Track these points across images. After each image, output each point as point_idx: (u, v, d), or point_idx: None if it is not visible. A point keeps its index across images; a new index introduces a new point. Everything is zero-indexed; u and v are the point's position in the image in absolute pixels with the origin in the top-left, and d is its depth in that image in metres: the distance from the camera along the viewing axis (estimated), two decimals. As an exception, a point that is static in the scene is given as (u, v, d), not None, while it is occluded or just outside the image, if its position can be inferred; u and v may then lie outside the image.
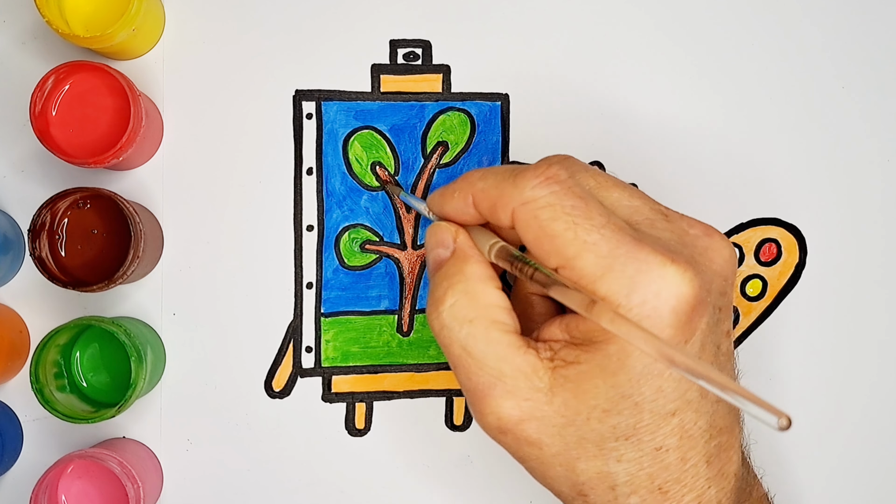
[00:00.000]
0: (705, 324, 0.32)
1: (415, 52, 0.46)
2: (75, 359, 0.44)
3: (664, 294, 0.30)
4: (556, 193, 0.32)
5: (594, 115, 0.47)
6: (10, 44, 0.45)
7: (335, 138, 0.46)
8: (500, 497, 0.47)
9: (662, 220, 0.34)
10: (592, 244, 0.31)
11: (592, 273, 0.31)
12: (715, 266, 0.34)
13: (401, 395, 0.46)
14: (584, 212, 0.32)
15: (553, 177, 0.32)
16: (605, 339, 0.32)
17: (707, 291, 0.32)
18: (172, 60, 0.45)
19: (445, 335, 0.34)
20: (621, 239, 0.31)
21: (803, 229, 0.48)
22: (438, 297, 0.34)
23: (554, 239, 0.32)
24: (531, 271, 0.32)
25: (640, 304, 0.30)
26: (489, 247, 0.35)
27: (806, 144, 0.48)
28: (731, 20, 0.48)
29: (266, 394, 0.46)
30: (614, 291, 0.30)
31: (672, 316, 0.30)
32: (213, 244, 0.45)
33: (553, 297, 0.31)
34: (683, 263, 0.31)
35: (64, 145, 0.41)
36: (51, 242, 0.41)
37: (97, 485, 0.42)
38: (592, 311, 0.29)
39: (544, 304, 0.38)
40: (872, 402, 0.49)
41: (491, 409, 0.33)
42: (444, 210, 0.37)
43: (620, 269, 0.30)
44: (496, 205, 0.34)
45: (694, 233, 0.34)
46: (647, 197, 0.35)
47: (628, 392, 0.32)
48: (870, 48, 0.48)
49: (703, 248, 0.34)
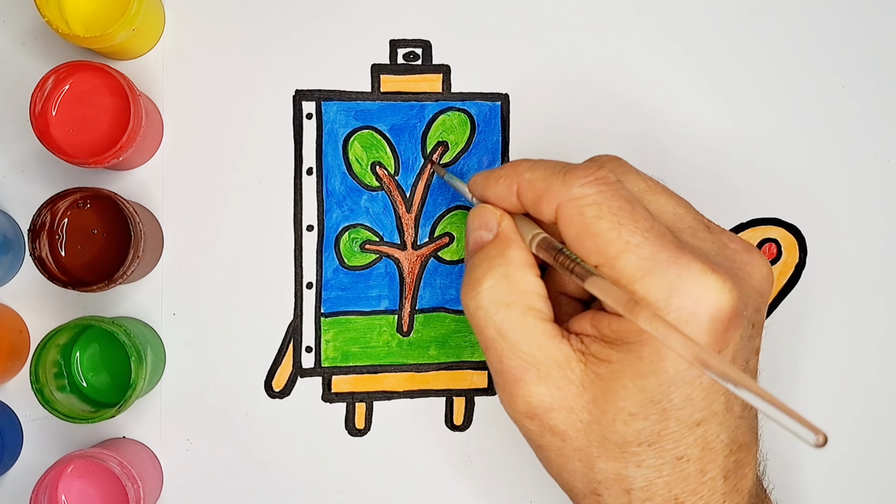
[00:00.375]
0: (739, 337, 0.32)
1: (415, 52, 0.46)
2: (75, 359, 0.44)
3: (703, 301, 0.30)
4: (603, 193, 0.32)
5: (594, 115, 0.47)
6: (10, 44, 0.45)
7: (335, 138, 0.46)
8: (500, 497, 0.47)
9: (704, 231, 0.34)
10: (636, 245, 0.31)
11: (633, 274, 0.31)
12: (753, 282, 0.34)
13: (401, 395, 0.46)
14: (630, 213, 0.32)
15: (602, 178, 0.33)
16: (638, 340, 0.32)
17: (744, 305, 0.32)
18: (172, 60, 0.45)
19: (481, 316, 0.34)
20: (664, 243, 0.31)
21: (803, 229, 0.48)
22: (477, 278, 0.34)
23: (597, 237, 0.32)
24: (571, 264, 0.32)
25: (678, 309, 0.30)
26: (532, 236, 0.35)
27: (806, 144, 0.48)
28: (731, 20, 0.48)
29: (266, 394, 0.46)
30: (653, 294, 0.30)
31: (709, 323, 0.30)
32: (213, 244, 0.45)
33: (591, 292, 0.31)
34: (724, 274, 0.31)
35: (64, 145, 0.41)
36: (51, 242, 0.41)
37: (97, 485, 0.42)
38: (632, 310, 0.29)
39: (573, 305, 0.38)
40: (872, 402, 0.49)
41: (522, 392, 0.33)
42: (487, 194, 0.37)
43: (661, 273, 0.30)
44: (542, 197, 0.33)
45: (734, 247, 0.34)
46: (692, 207, 0.35)
47: (657, 397, 0.32)
48: (870, 48, 0.48)
49: (743, 262, 0.34)
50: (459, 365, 0.47)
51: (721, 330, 0.31)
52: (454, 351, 0.47)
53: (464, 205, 0.46)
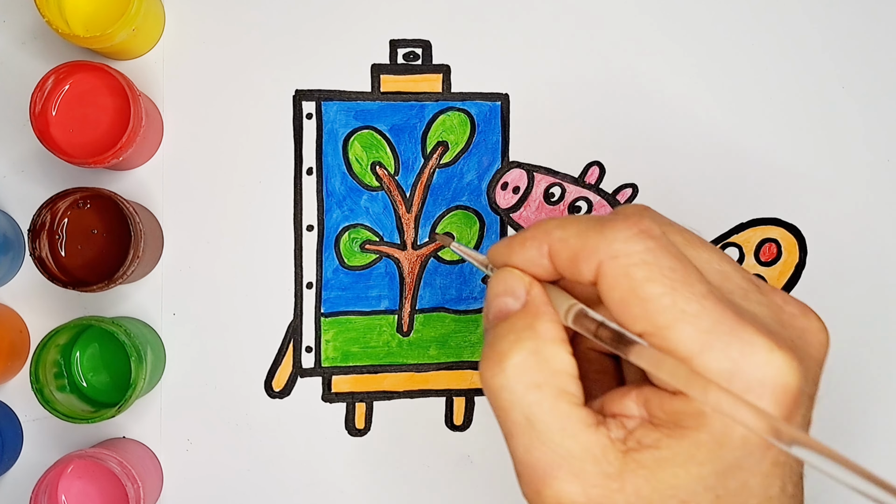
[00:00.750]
0: (801, 416, 0.30)
1: (415, 52, 0.46)
2: (75, 359, 0.44)
3: (769, 383, 0.28)
4: (651, 251, 0.29)
5: (594, 115, 0.47)
6: (10, 44, 0.45)
7: (335, 138, 0.46)
8: (500, 497, 0.47)
9: (756, 292, 0.31)
10: (693, 315, 0.28)
11: (689, 348, 0.28)
12: (812, 351, 0.31)
13: (401, 395, 0.46)
14: (684, 276, 0.28)
15: (647, 231, 0.29)
16: (696, 424, 0.28)
17: (806, 380, 0.29)
18: (172, 60, 0.45)
19: (506, 398, 0.30)
20: (724, 313, 0.28)
21: (803, 229, 0.48)
22: (502, 352, 0.30)
23: (647, 303, 0.28)
24: (616, 337, 0.29)
25: (743, 392, 0.27)
26: (567, 307, 0.31)
27: (806, 144, 0.48)
28: (731, 20, 0.48)
29: (266, 394, 0.46)
30: (714, 372, 0.27)
31: (775, 408, 0.28)
32: (213, 244, 0.45)
33: (642, 367, 0.28)
34: (788, 351, 0.28)
35: (64, 145, 0.41)
36: (51, 242, 0.41)
37: (97, 485, 0.42)
38: (695, 385, 0.26)
39: (603, 362, 0.35)
40: (872, 402, 0.49)
41: (553, 490, 0.30)
42: (513, 260, 0.33)
43: (722, 349, 0.27)
44: (578, 256, 0.30)
45: (790, 311, 0.32)
46: (734, 262, 0.32)
47: (712, 484, 0.29)
48: (870, 48, 0.48)
49: (801, 329, 0.31)
50: (459, 365, 0.47)
51: (785, 414, 0.28)
52: (454, 351, 0.47)
53: (464, 205, 0.46)
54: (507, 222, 0.47)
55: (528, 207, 0.47)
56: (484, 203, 0.47)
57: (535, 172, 0.47)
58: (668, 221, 0.32)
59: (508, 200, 0.47)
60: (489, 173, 0.46)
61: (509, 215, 0.47)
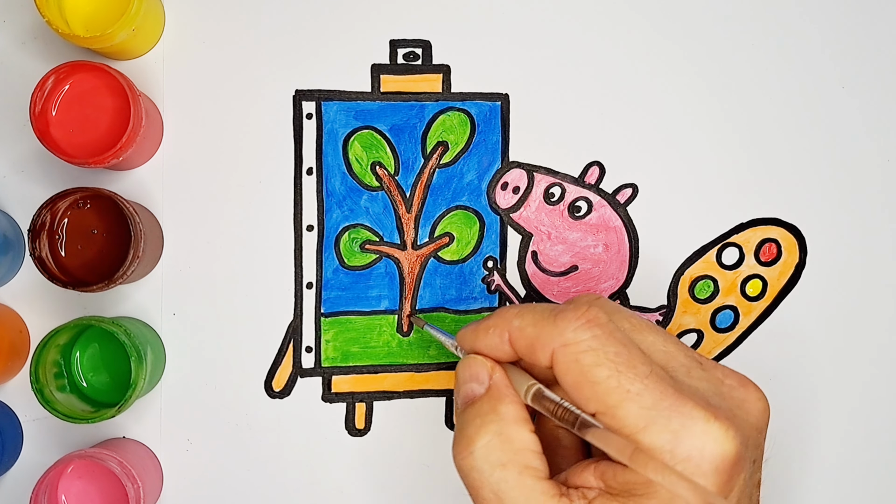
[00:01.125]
0: (742, 479, 0.32)
1: (415, 52, 0.46)
2: (75, 359, 0.44)
3: (707, 451, 0.30)
4: (598, 338, 0.32)
5: (594, 115, 0.47)
6: (10, 44, 0.45)
7: (335, 138, 0.46)
8: (500, 497, 0.47)
9: (698, 369, 0.34)
10: (636, 394, 0.31)
11: (635, 424, 0.31)
12: (751, 419, 0.33)
13: (401, 395, 0.46)
14: (628, 359, 0.31)
15: (594, 319, 0.32)
16: (647, 492, 0.31)
17: (745, 447, 0.32)
18: (172, 60, 0.45)
19: (475, 477, 0.33)
20: (665, 390, 0.31)
21: (803, 229, 0.48)
22: (469, 436, 0.33)
23: (596, 385, 0.31)
24: (571, 416, 0.32)
25: (684, 461, 0.30)
26: (526, 388, 0.34)
27: (806, 144, 0.48)
28: (730, 20, 0.48)
29: (266, 394, 0.46)
30: (658, 445, 0.30)
31: (715, 475, 0.30)
32: (213, 244, 0.45)
33: (594, 444, 0.31)
34: (725, 420, 0.31)
35: (64, 145, 0.41)
36: (51, 242, 0.41)
37: (97, 485, 0.42)
38: (639, 460, 0.28)
39: (570, 439, 0.37)
40: (872, 402, 0.49)
41: None
42: (477, 346, 0.36)
43: (664, 423, 0.30)
44: (534, 344, 0.33)
45: (729, 383, 0.34)
46: (680, 342, 0.35)
47: None
48: (870, 48, 0.48)
49: (740, 400, 0.34)
50: (459, 365, 0.47)
51: (726, 479, 0.31)
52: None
53: (464, 205, 0.47)
54: (507, 222, 0.47)
55: (528, 207, 0.47)
56: (484, 203, 0.47)
57: (535, 172, 0.47)
58: (618, 308, 0.35)
59: (508, 200, 0.47)
60: (489, 173, 0.47)
61: (509, 215, 0.47)
